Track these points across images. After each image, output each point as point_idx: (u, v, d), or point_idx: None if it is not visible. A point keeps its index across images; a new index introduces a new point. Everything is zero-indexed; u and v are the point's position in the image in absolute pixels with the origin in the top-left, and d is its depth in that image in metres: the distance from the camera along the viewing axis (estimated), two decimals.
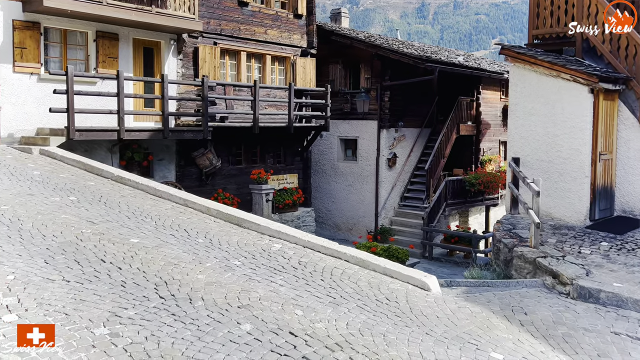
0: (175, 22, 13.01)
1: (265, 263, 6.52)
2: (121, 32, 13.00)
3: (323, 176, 20.05)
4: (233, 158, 15.85)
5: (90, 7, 11.46)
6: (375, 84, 18.15)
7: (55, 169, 9.75)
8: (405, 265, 11.67)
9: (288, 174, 17.36)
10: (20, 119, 11.54)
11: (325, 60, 19.00)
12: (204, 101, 13.11)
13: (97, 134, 11.38)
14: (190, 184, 14.79)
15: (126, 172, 9.64)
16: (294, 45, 17.17)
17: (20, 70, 11.43)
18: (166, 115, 12.35)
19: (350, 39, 18.11)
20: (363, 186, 19.02)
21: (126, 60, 13.16)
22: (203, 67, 14.61)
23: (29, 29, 11.48)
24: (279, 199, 16.52)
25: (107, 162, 12.47)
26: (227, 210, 8.06)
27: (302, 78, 17.15)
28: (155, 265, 5.94)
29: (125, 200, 8.47)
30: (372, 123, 18.38)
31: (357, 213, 19.27)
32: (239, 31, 15.64)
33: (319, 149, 19.91)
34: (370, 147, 18.63)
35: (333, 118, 18.92)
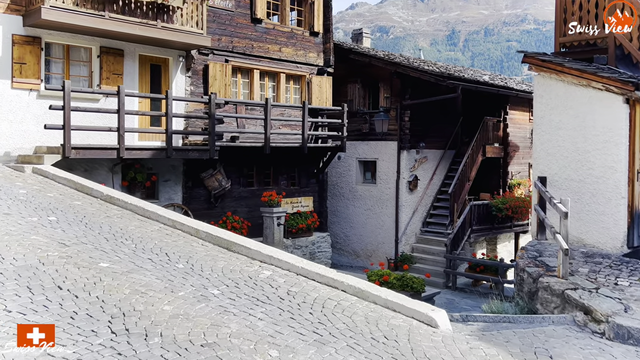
0: (182, 38, 12.53)
1: (248, 293, 5.71)
2: (126, 48, 12.57)
3: (341, 200, 19.22)
4: (244, 179, 15.17)
5: (91, 20, 11.05)
6: (395, 103, 17.36)
7: (44, 187, 9.18)
8: (422, 296, 10.71)
9: (302, 197, 16.59)
10: (17, 137, 11.10)
11: (343, 80, 18.35)
12: (211, 119, 12.52)
13: (95, 152, 10.84)
14: (198, 206, 14.15)
15: (116, 192, 9.01)
16: (310, 63, 16.57)
17: (18, 86, 11.04)
18: (170, 133, 11.78)
19: (369, 56, 17.43)
20: (382, 210, 18.11)
21: (131, 77, 12.71)
22: (213, 85, 14.08)
23: (29, 43, 11.11)
24: (292, 223, 15.72)
25: (108, 182, 11.95)
26: (216, 233, 7.31)
27: (318, 97, 16.49)
28: (118, 294, 5.19)
29: (109, 220, 7.80)
30: (391, 144, 17.55)
31: (377, 239, 18.32)
32: (252, 48, 15.12)
33: (337, 171, 19.13)
34: (390, 170, 17.77)
35: (351, 139, 18.19)
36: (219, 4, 14.35)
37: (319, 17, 16.61)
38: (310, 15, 16.52)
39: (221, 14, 14.43)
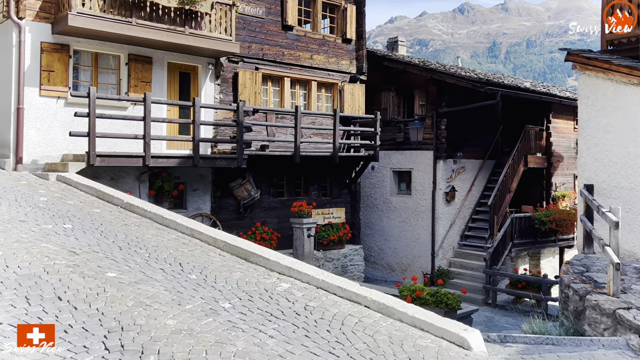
0: (210, 44, 12.30)
1: (261, 307, 5.25)
2: (155, 55, 12.44)
3: (375, 211, 18.64)
4: (274, 189, 14.81)
5: (118, 27, 10.93)
6: (431, 111, 16.75)
7: (65, 195, 9.00)
8: (458, 314, 10.03)
9: (334, 208, 16.10)
10: (45, 145, 11.03)
11: (376, 88, 17.86)
12: (239, 127, 12.21)
13: (120, 159, 10.65)
14: (227, 216, 13.84)
15: (136, 200, 8.74)
16: (342, 71, 16.16)
17: (46, 94, 10.98)
18: (197, 141, 11.52)
19: (404, 63, 16.90)
20: (418, 223, 17.44)
21: (160, 84, 12.55)
22: (243, 92, 13.81)
23: (57, 51, 11.07)
24: (323, 234, 15.24)
25: (134, 191, 11.76)
26: (234, 242, 6.91)
27: (350, 105, 16.04)
28: (121, 306, 4.82)
29: (126, 229, 7.51)
30: (427, 153, 16.92)
31: (412, 252, 17.65)
32: (283, 56, 14.82)
33: (370, 182, 18.59)
34: (425, 180, 17.12)
35: (385, 148, 17.66)
36: (249, 11, 14.12)
37: (352, 23, 16.21)
38: (343, 21, 16.15)
39: (251, 21, 14.20)
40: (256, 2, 14.29)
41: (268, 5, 14.53)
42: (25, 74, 10.72)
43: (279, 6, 14.74)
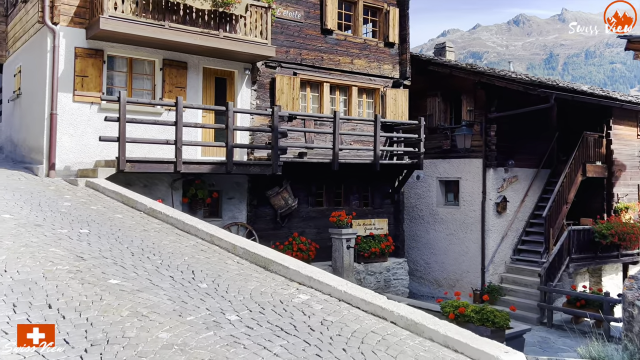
0: (245, 48, 11.95)
1: (272, 320, 4.67)
2: (190, 60, 12.19)
3: (420, 223, 17.77)
4: (312, 199, 14.25)
5: (150, 30, 10.72)
6: (479, 116, 15.83)
7: (90, 200, 8.74)
8: (507, 333, 9.12)
9: (376, 219, 15.38)
10: (78, 151, 10.89)
11: (422, 94, 17.11)
12: (274, 132, 11.77)
13: (150, 165, 10.36)
14: (264, 226, 13.37)
15: (160, 205, 8.36)
16: (384, 76, 15.52)
17: (80, 100, 10.86)
18: (230, 147, 11.13)
19: (450, 67, 16.09)
20: (467, 235, 16.47)
21: (195, 90, 12.28)
22: (280, 98, 13.39)
23: (91, 56, 10.96)
24: (364, 246, 14.54)
25: (167, 199, 11.47)
26: (253, 250, 6.37)
27: (393, 111, 15.36)
28: (114, 316, 4.34)
29: (144, 234, 7.11)
30: (476, 161, 15.98)
31: (461, 267, 16.66)
32: (322, 61, 14.34)
33: (416, 192, 17.76)
34: (474, 190, 16.17)
35: (431, 157, 16.85)
36: (287, 15, 13.74)
37: (394, 26, 15.59)
38: (385, 25, 15.54)
39: (289, 25, 13.81)
40: (295, 6, 13.90)
41: (307, 9, 14.12)
42: (59, 79, 10.64)
43: (318, 10, 14.30)
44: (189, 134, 12.01)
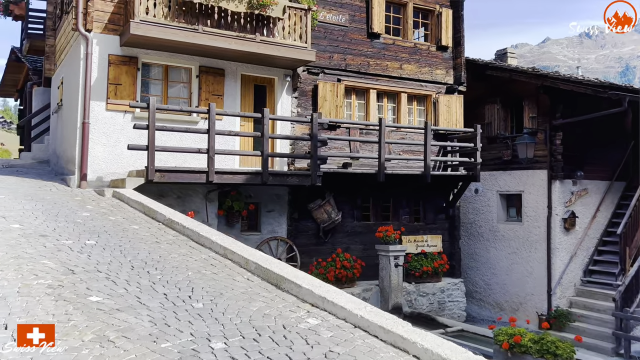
0: (283, 52, 11.33)
1: (265, 350, 3.84)
2: (228, 67, 11.69)
3: (479, 240, 16.44)
4: (358, 212, 13.35)
5: (183, 34, 10.28)
6: (543, 124, 14.46)
7: (111, 211, 8.25)
8: None
9: (429, 235, 14.26)
10: (111, 161, 10.55)
11: (479, 101, 15.93)
12: (313, 141, 11.02)
13: (181, 175, 9.84)
14: (305, 241, 12.60)
15: (180, 215, 7.75)
16: (437, 81, 14.50)
17: (113, 108, 10.54)
18: (265, 156, 10.47)
19: (509, 71, 14.85)
20: (531, 254, 15.01)
21: (233, 98, 11.75)
22: (323, 106, 12.66)
23: (125, 64, 10.65)
24: (415, 264, 13.46)
25: (201, 211, 10.93)
26: (266, 265, 5.58)
27: (447, 119, 14.28)
28: (73, 341, 3.67)
29: (154, 247, 6.47)
30: (540, 173, 14.57)
31: (524, 289, 15.19)
32: (368, 66, 13.52)
33: (474, 206, 16.48)
34: (538, 204, 14.73)
35: (490, 168, 15.59)
36: (331, 19, 13.05)
37: (447, 29, 14.58)
38: (437, 27, 14.56)
39: (333, 29, 13.10)
40: (339, 10, 13.19)
41: (352, 12, 13.38)
42: (92, 87, 10.36)
43: (364, 13, 13.53)
44: (226, 143, 11.50)
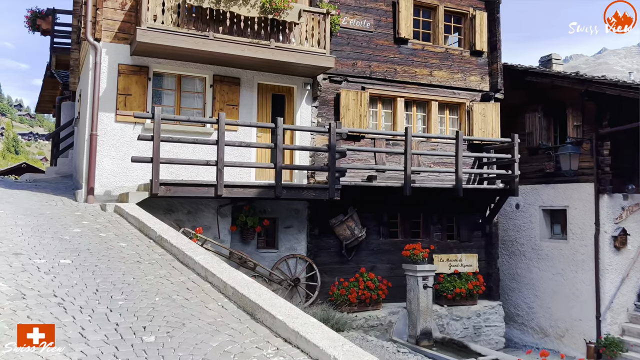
0: (300, 58, 10.69)
1: None
2: (243, 76, 11.16)
3: (521, 260, 15.22)
4: (384, 229, 12.48)
5: (192, 41, 9.81)
6: (589, 132, 13.24)
7: (105, 227, 7.76)
8: None
9: (463, 254, 13.22)
10: (120, 175, 10.13)
11: (518, 109, 14.84)
12: (330, 152, 10.31)
13: (188, 189, 9.29)
14: (327, 259, 11.85)
15: (172, 232, 7.14)
16: (471, 88, 13.54)
17: (122, 120, 10.15)
18: (278, 168, 9.82)
19: (551, 76, 13.72)
20: (577, 275, 13.71)
21: (249, 108, 11.19)
22: (345, 115, 11.93)
23: (135, 73, 10.26)
24: (447, 285, 12.46)
25: (212, 226, 10.36)
26: (243, 291, 4.88)
27: (482, 128, 13.28)
28: None
29: (132, 267, 5.88)
30: (586, 187, 13.32)
31: (570, 313, 13.87)
32: (395, 73, 12.72)
33: (515, 223, 15.30)
34: (585, 221, 13.46)
35: (533, 182, 14.46)
36: (354, 25, 12.36)
37: (482, 33, 13.62)
38: (471, 31, 13.63)
39: (357, 35, 12.40)
40: (363, 15, 12.49)
41: (377, 17, 12.65)
42: (101, 98, 10.01)
43: (391, 17, 12.77)
44: (242, 155, 10.95)
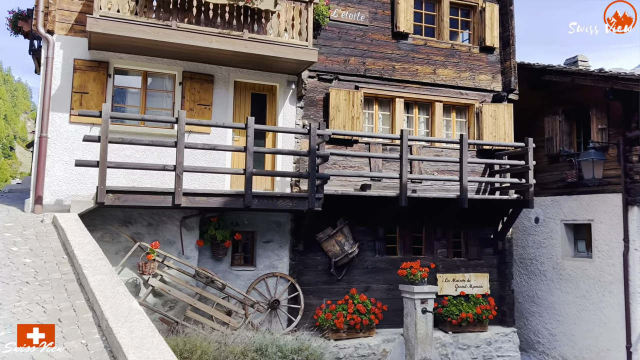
0: (278, 51, 9.49)
1: None
2: (217, 72, 10.03)
3: (542, 280, 13.56)
4: (381, 244, 11.10)
5: (152, 32, 8.70)
6: (615, 136, 11.63)
7: (25, 241, 6.64)
8: None
9: (472, 274, 11.71)
10: (74, 182, 9.04)
11: (536, 112, 13.35)
12: (310, 156, 9.04)
13: (140, 197, 8.12)
14: (314, 278, 10.53)
15: (89, 247, 5.94)
16: (480, 88, 12.13)
17: (77, 120, 9.08)
18: (248, 174, 8.60)
19: (571, 74, 12.18)
20: (604, 299, 12.02)
21: (223, 108, 10.03)
22: (336, 117, 10.66)
23: (93, 69, 9.22)
24: (451, 309, 10.95)
25: (176, 240, 9.16)
26: (113, 325, 3.62)
27: (493, 132, 11.82)
28: None
29: (13, 289, 4.74)
30: (613, 197, 11.68)
31: (597, 342, 12.16)
32: (393, 71, 11.42)
33: (534, 239, 13.68)
34: (612, 236, 11.80)
35: (553, 193, 12.94)
36: (346, 17, 11.14)
37: (493, 27, 12.23)
38: (480, 26, 12.26)
39: (349, 29, 11.17)
40: (356, 7, 11.27)
41: (373, 9, 11.41)
42: (53, 97, 8.98)
43: (388, 9, 11.51)
44: (215, 160, 9.79)
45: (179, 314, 8.84)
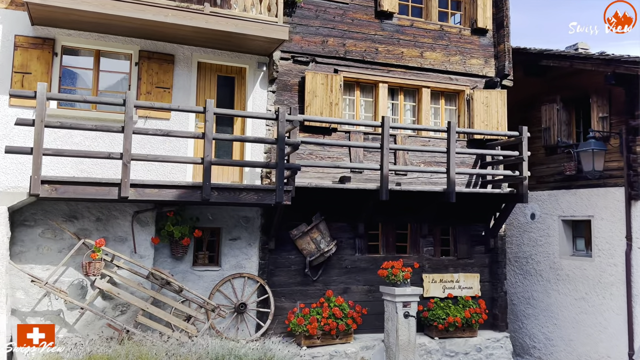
0: (242, 27, 8.53)
1: None
2: (179, 52, 9.09)
3: (538, 281, 12.64)
4: (361, 242, 10.17)
5: (97, 3, 7.74)
6: (618, 125, 10.70)
7: None
8: None
9: (461, 274, 10.79)
10: (14, 172, 8.08)
11: (533, 101, 12.44)
12: (279, 144, 8.11)
13: (82, 188, 7.21)
14: (287, 279, 9.62)
15: None
16: (472, 73, 11.18)
17: (18, 104, 8.13)
18: (206, 163, 7.67)
19: (569, 58, 11.23)
20: (604, 301, 11.10)
21: (185, 91, 9.09)
22: (312, 103, 9.73)
23: (37, 47, 8.28)
24: (437, 313, 10.04)
25: (128, 237, 8.23)
26: None
27: (484, 120, 10.88)
28: None
29: None
30: (614, 192, 10.76)
31: (597, 349, 11.25)
32: (376, 54, 10.48)
33: (530, 236, 12.76)
34: (613, 234, 10.88)
35: (551, 187, 12.05)
36: None
37: (486, 7, 11.28)
38: (472, 5, 11.31)
39: (328, 7, 10.23)
40: None
41: None
42: None
43: None
44: (175, 149, 8.85)
45: (132, 320, 7.93)
